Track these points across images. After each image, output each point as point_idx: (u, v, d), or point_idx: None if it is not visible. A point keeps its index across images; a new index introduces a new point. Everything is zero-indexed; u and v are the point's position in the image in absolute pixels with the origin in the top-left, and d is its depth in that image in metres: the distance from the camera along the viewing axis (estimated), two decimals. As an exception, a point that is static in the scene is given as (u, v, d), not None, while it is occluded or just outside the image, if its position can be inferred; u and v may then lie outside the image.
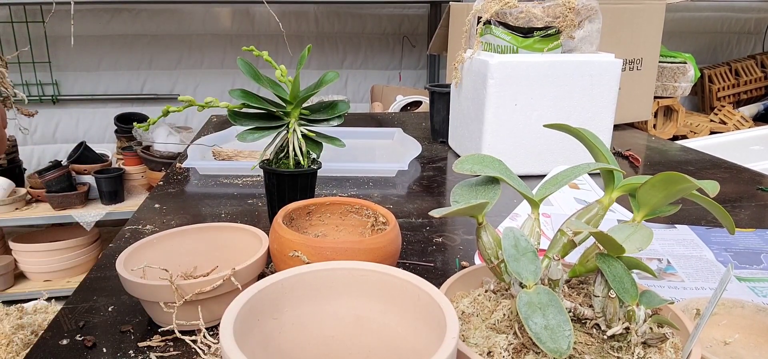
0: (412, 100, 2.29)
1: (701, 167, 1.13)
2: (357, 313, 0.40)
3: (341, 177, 1.01)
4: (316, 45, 2.68)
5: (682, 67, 2.10)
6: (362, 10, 2.68)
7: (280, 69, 0.68)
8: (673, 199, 0.40)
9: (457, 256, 0.68)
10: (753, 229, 0.76)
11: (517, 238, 0.38)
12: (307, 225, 0.62)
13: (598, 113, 1.00)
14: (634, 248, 0.37)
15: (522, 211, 0.80)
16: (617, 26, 1.35)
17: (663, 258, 0.66)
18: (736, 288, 0.59)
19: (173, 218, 0.80)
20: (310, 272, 0.39)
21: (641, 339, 0.36)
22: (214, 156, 1.11)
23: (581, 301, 0.40)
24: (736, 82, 2.59)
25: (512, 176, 0.42)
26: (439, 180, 1.01)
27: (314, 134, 0.71)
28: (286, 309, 0.39)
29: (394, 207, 0.86)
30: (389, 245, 0.53)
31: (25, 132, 0.59)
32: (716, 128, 2.29)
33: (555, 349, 0.32)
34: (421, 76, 2.84)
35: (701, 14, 2.92)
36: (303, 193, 0.71)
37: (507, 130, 0.99)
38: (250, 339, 0.35)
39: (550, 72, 0.97)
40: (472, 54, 1.04)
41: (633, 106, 1.48)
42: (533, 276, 0.36)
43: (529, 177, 0.99)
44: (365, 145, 1.26)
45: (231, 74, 2.66)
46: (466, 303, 0.42)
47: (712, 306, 0.36)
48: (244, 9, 2.57)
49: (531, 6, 1.00)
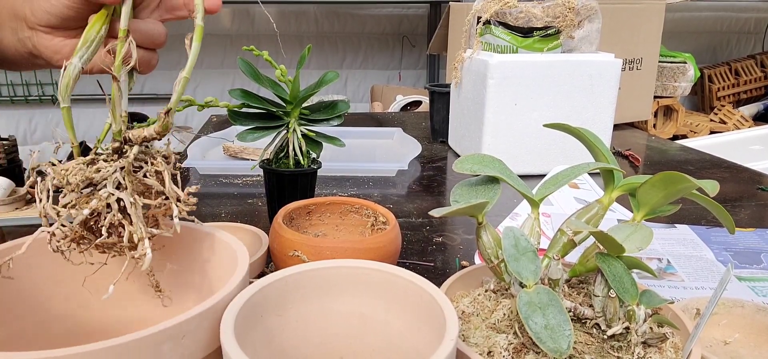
0: (412, 100, 2.29)
1: (701, 166, 1.13)
2: (361, 311, 0.40)
3: (341, 177, 1.01)
4: (315, 45, 2.68)
5: (681, 67, 2.10)
6: (362, 10, 2.68)
7: (280, 69, 0.68)
8: (673, 199, 0.40)
9: (457, 256, 0.68)
10: (753, 229, 0.76)
11: (517, 238, 0.38)
12: (307, 225, 0.62)
13: (598, 113, 1.00)
14: (634, 247, 0.37)
15: (522, 211, 0.80)
16: (617, 26, 1.35)
17: (663, 258, 0.66)
18: (736, 288, 0.59)
19: (173, 218, 0.80)
20: (314, 269, 0.39)
21: (641, 338, 0.36)
22: (223, 151, 1.12)
23: (581, 301, 0.40)
24: (736, 82, 2.60)
25: (512, 176, 0.42)
26: (439, 180, 1.01)
27: (314, 134, 0.71)
28: (291, 306, 0.39)
29: (394, 207, 0.86)
30: (389, 245, 0.53)
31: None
32: (716, 128, 2.29)
33: (555, 349, 0.32)
34: (420, 76, 2.85)
35: (701, 14, 2.92)
36: (303, 193, 0.71)
37: (507, 130, 0.99)
38: (252, 336, 0.36)
39: (550, 72, 0.97)
40: (472, 54, 1.04)
41: (633, 105, 1.48)
42: (533, 276, 0.36)
43: (529, 177, 0.99)
44: (365, 145, 1.26)
45: (231, 74, 2.66)
46: (466, 303, 0.42)
47: (712, 305, 0.36)
48: (244, 9, 2.57)
49: (531, 6, 1.00)
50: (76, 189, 0.37)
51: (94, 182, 0.38)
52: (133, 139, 0.40)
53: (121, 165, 0.38)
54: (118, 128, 0.40)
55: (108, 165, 0.38)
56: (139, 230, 0.37)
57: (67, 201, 0.37)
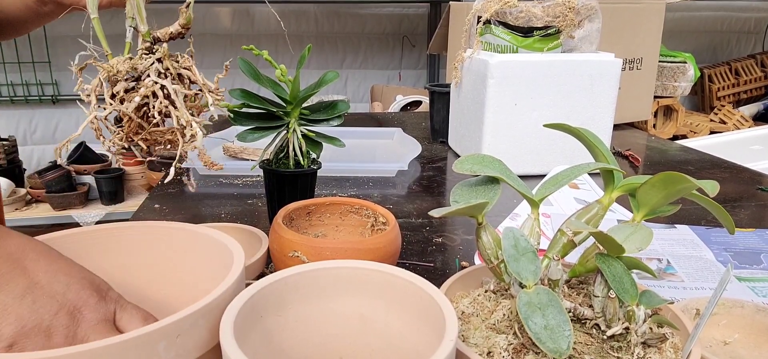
0: (412, 100, 2.29)
1: (701, 167, 1.13)
2: (361, 312, 0.40)
3: (341, 177, 1.01)
4: (316, 45, 2.68)
5: (681, 67, 2.10)
6: (362, 10, 2.68)
7: (280, 69, 0.68)
8: (673, 199, 0.40)
9: (457, 256, 0.68)
10: (753, 229, 0.76)
11: (517, 238, 0.38)
12: (307, 225, 0.62)
13: (598, 113, 1.00)
14: (634, 248, 0.37)
15: (522, 211, 0.80)
16: (617, 26, 1.35)
17: (663, 258, 0.66)
18: (736, 288, 0.59)
19: (173, 218, 0.80)
20: (314, 270, 0.39)
21: (641, 339, 0.36)
22: (223, 151, 1.12)
23: (581, 301, 0.40)
24: (736, 82, 2.60)
25: (512, 176, 0.42)
26: (439, 180, 1.01)
27: (314, 134, 0.71)
28: (290, 306, 0.39)
29: (394, 207, 0.86)
30: (389, 246, 0.53)
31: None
32: (716, 128, 2.29)
33: (555, 349, 0.32)
34: (421, 76, 2.85)
35: (701, 14, 2.92)
36: (303, 193, 0.71)
37: (507, 130, 0.99)
38: (251, 336, 0.36)
39: (550, 72, 0.97)
40: (472, 54, 1.04)
41: (633, 105, 1.48)
42: (533, 276, 0.36)
43: (529, 177, 0.99)
44: (365, 145, 1.26)
45: (231, 74, 2.65)
46: (466, 303, 0.42)
47: (711, 306, 0.36)
48: (244, 9, 2.57)
49: (531, 5, 1.00)
50: (125, 78, 0.42)
51: (139, 72, 0.42)
52: (161, 37, 0.45)
53: (158, 56, 0.43)
54: (145, 28, 0.44)
55: (148, 58, 0.43)
56: (185, 113, 0.42)
57: (117, 90, 0.42)
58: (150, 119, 0.43)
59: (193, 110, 0.45)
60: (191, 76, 0.44)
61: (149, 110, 0.42)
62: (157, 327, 0.31)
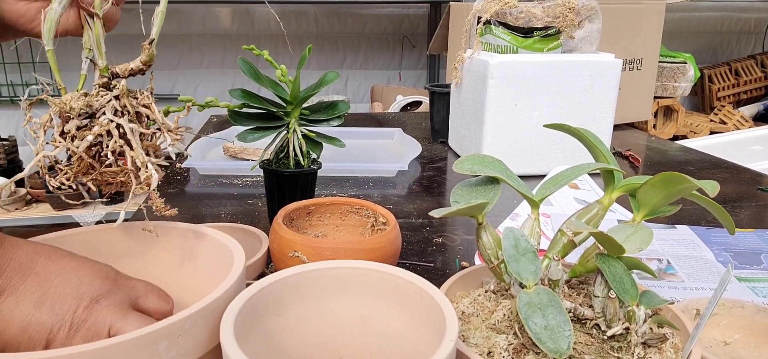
0: (412, 100, 2.29)
1: (701, 167, 1.13)
2: (361, 312, 0.40)
3: (341, 177, 1.01)
4: (316, 45, 2.68)
5: (682, 67, 2.10)
6: (362, 10, 2.68)
7: (281, 69, 0.68)
8: (673, 199, 0.40)
9: (457, 256, 0.68)
10: (753, 229, 0.76)
11: (517, 238, 0.38)
12: (307, 225, 0.62)
13: (598, 113, 1.00)
14: (634, 248, 0.37)
15: (522, 211, 0.80)
16: (617, 26, 1.35)
17: (663, 258, 0.66)
18: (736, 288, 0.59)
19: (173, 218, 0.80)
20: (314, 270, 0.39)
21: (641, 339, 0.36)
22: (224, 151, 1.12)
23: (581, 301, 0.40)
24: (736, 82, 2.60)
25: (512, 176, 0.42)
26: (439, 180, 1.01)
27: (314, 134, 0.71)
28: (291, 306, 0.39)
29: (394, 207, 0.86)
30: (389, 246, 0.53)
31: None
32: (716, 128, 2.29)
33: (555, 349, 0.32)
34: (421, 76, 2.84)
35: (701, 14, 2.92)
36: (303, 193, 0.71)
37: (507, 130, 0.99)
38: (252, 336, 0.36)
39: (550, 72, 0.97)
40: (472, 54, 1.04)
41: (633, 106, 1.48)
42: (533, 276, 0.36)
43: (529, 177, 0.99)
44: (365, 145, 1.26)
45: (231, 74, 2.66)
46: (466, 303, 0.42)
47: (712, 306, 0.36)
48: (244, 9, 2.57)
49: (531, 6, 1.00)
50: (78, 116, 0.39)
51: (94, 109, 0.40)
52: (120, 73, 0.42)
53: (116, 94, 0.40)
54: (104, 63, 0.42)
55: (104, 95, 0.40)
56: (140, 154, 0.39)
57: (69, 128, 0.39)
58: (102, 159, 0.40)
59: (150, 149, 0.42)
60: (150, 115, 0.42)
61: (102, 148, 0.40)
62: (158, 327, 0.31)
